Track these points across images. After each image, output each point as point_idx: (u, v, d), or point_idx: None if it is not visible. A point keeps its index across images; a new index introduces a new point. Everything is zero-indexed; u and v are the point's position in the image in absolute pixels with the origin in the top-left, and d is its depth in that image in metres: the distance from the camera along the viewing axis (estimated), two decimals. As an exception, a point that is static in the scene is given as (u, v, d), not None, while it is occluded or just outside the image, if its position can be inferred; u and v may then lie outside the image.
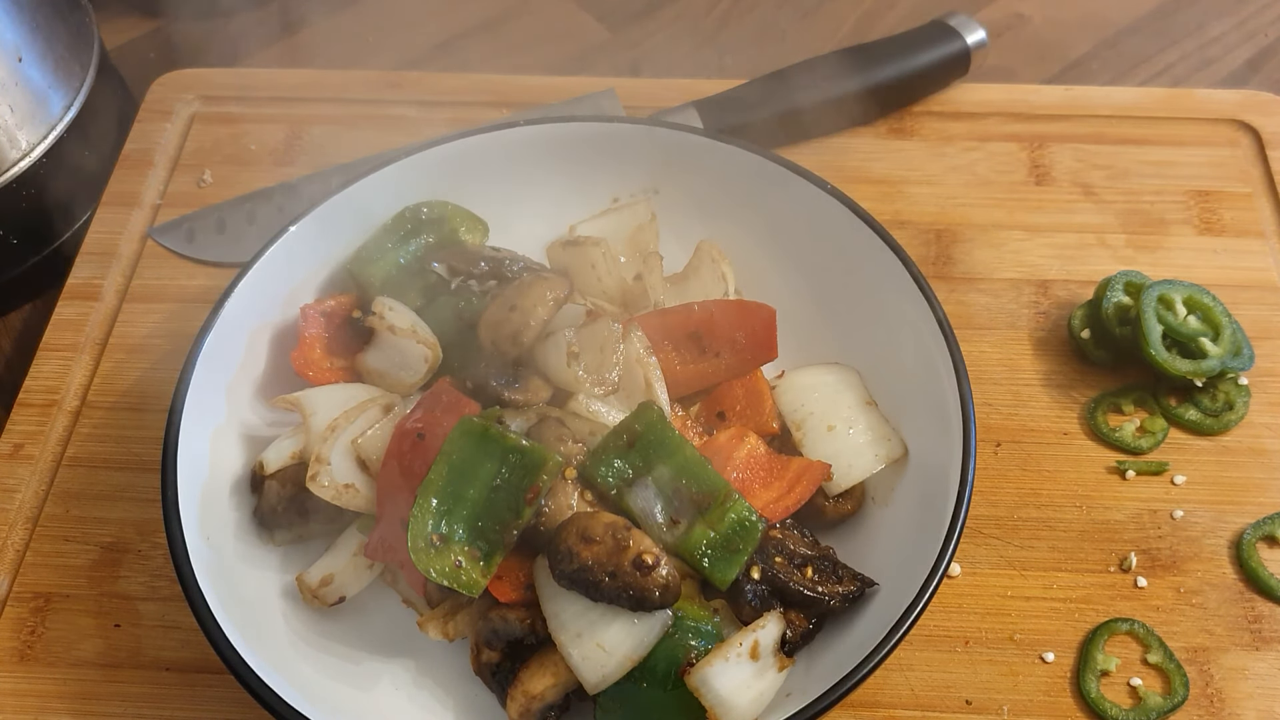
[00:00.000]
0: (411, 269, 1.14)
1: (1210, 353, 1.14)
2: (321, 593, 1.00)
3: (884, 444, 1.05)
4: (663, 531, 0.95)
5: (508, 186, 1.21)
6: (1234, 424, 1.15)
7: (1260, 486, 1.12)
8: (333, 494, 0.98)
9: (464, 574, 0.91)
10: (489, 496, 0.93)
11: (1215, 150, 1.36)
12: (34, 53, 1.29)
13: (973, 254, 1.29)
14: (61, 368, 1.23)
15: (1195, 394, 1.16)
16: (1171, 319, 1.15)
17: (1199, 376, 1.14)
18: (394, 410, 1.02)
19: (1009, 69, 1.53)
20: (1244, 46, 1.55)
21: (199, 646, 0.98)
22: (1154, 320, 1.14)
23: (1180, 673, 1.01)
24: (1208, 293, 1.17)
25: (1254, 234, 1.29)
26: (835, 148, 1.38)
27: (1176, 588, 1.06)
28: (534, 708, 0.92)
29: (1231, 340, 1.15)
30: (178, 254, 1.31)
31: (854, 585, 0.97)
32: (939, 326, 1.04)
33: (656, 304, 1.12)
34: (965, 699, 1.01)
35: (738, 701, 0.89)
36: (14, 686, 1.03)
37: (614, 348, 1.01)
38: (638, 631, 0.90)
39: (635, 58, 1.57)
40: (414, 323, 1.07)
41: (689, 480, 0.96)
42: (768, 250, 1.18)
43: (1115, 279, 1.19)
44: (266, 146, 1.41)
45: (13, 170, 1.27)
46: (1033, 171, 1.36)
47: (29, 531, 1.12)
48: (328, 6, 1.65)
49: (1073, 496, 1.12)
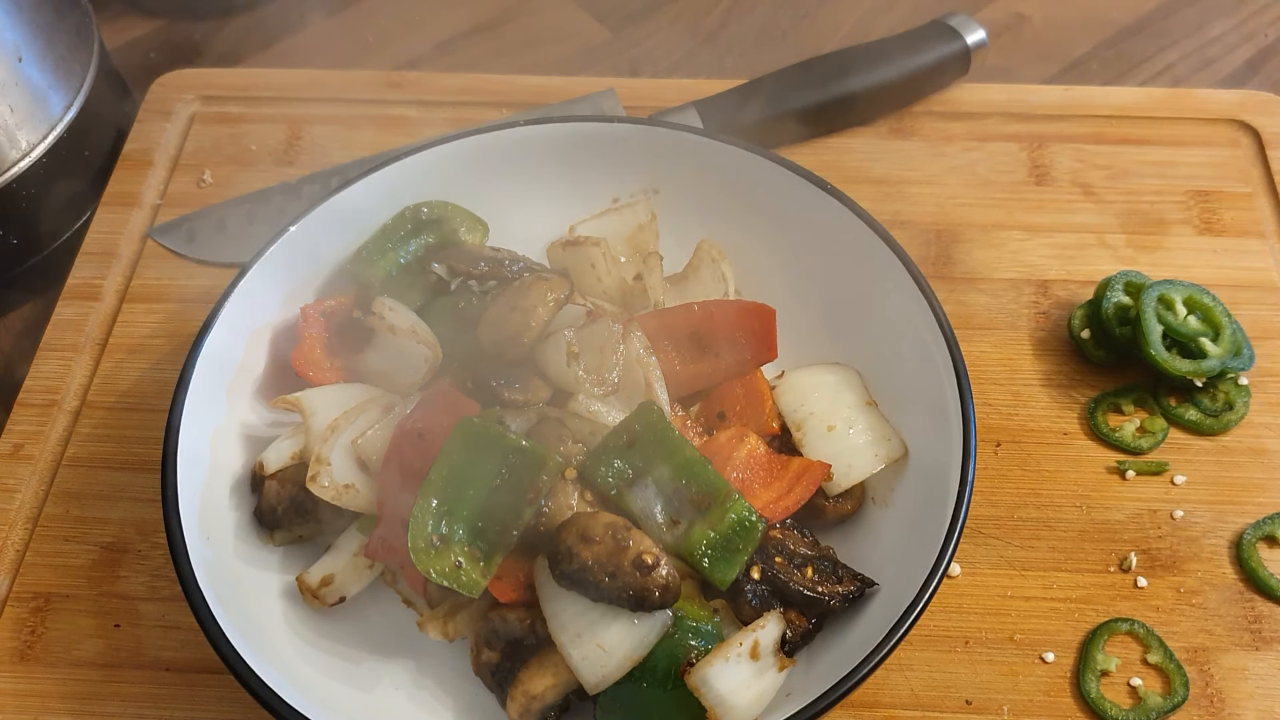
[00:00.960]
0: (411, 269, 1.14)
1: (1210, 353, 1.14)
2: (322, 593, 1.00)
3: (884, 444, 1.05)
4: (663, 532, 0.95)
5: (508, 186, 1.21)
6: (1234, 424, 1.15)
7: (1260, 486, 1.12)
8: (333, 494, 0.98)
9: (464, 574, 0.91)
10: (489, 497, 0.93)
11: (1215, 150, 1.36)
12: (34, 53, 1.29)
13: (973, 254, 1.29)
14: (61, 368, 1.23)
15: (1195, 394, 1.16)
16: (1171, 319, 1.15)
17: (1199, 376, 1.14)
18: (394, 410, 1.02)
19: (1009, 69, 1.53)
20: (1244, 46, 1.55)
21: (199, 646, 0.98)
22: (1154, 320, 1.14)
23: (1180, 673, 1.01)
24: (1208, 292, 1.17)
25: (1254, 234, 1.29)
26: (835, 148, 1.38)
27: (1176, 588, 1.06)
28: (534, 708, 0.92)
29: (1231, 340, 1.15)
30: (178, 254, 1.31)
31: (854, 585, 0.97)
32: (939, 326, 1.04)
33: (656, 304, 1.12)
34: (965, 699, 1.01)
35: (738, 701, 0.89)
36: (14, 686, 1.03)
37: (614, 348, 1.01)
38: (638, 632, 0.90)
39: (635, 58, 1.57)
40: (414, 323, 1.07)
41: (689, 480, 0.96)
42: (768, 250, 1.18)
43: (1115, 279, 1.19)
44: (266, 146, 1.41)
45: (13, 170, 1.27)
46: (1033, 171, 1.36)
47: (29, 531, 1.12)
48: (328, 6, 1.65)
49: (1073, 496, 1.12)
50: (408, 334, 1.05)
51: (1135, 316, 1.15)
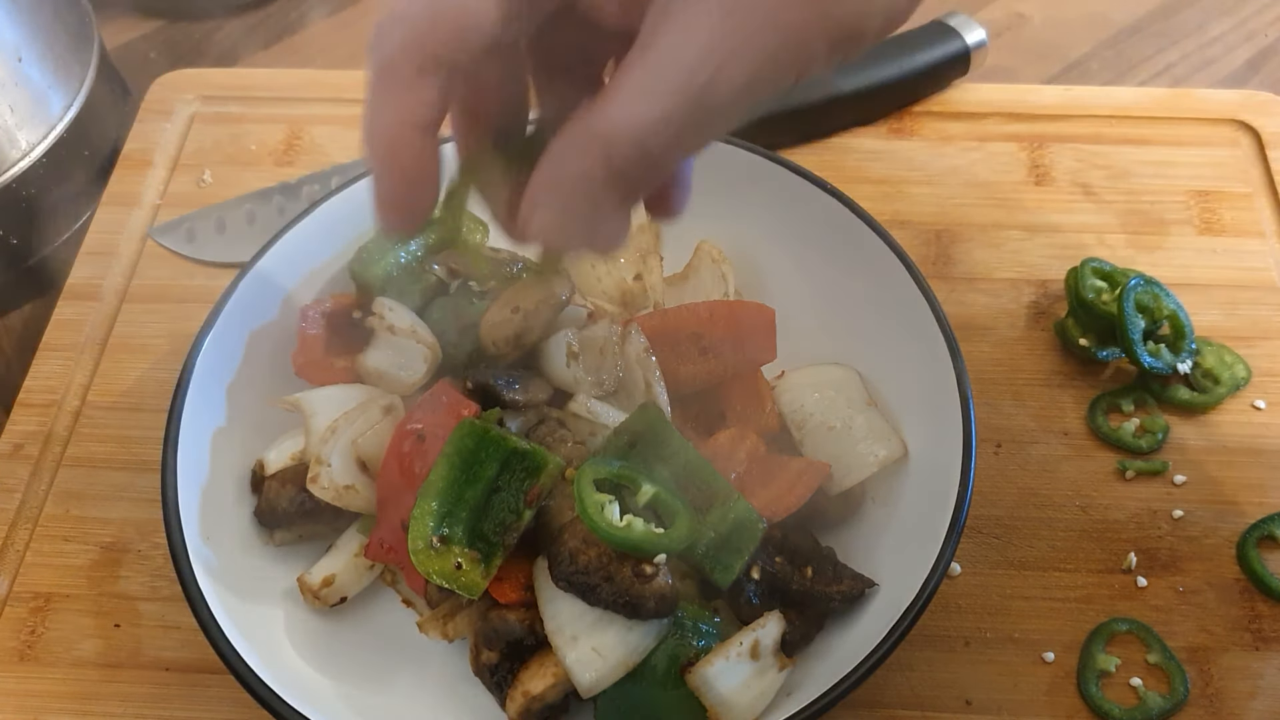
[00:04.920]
0: (411, 269, 1.14)
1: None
2: (323, 593, 1.00)
3: (884, 444, 1.05)
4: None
5: (508, 186, 1.20)
6: (1224, 396, 1.16)
7: (1260, 486, 1.12)
8: (333, 495, 0.98)
9: (463, 575, 0.91)
10: (489, 498, 0.93)
11: (1215, 150, 1.36)
12: (34, 53, 1.29)
13: (973, 254, 1.29)
14: (61, 368, 1.23)
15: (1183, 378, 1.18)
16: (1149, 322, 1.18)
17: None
18: (394, 411, 1.02)
19: (1009, 69, 1.53)
20: (1244, 46, 1.55)
21: (199, 646, 0.98)
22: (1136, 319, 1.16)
23: (1180, 673, 1.01)
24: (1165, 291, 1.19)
25: (1254, 234, 1.29)
26: (835, 148, 1.38)
27: (1176, 588, 1.06)
28: (534, 708, 0.92)
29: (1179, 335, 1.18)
30: (178, 254, 1.31)
31: (854, 585, 0.97)
32: (939, 326, 1.04)
33: (656, 304, 1.12)
34: (965, 699, 1.01)
35: (738, 701, 0.89)
36: (14, 686, 1.03)
37: (614, 348, 1.01)
38: (634, 636, 0.90)
39: (635, 58, 1.57)
40: (414, 323, 1.07)
41: (689, 481, 0.95)
42: (768, 250, 1.18)
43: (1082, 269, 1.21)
44: (266, 146, 1.41)
45: (13, 170, 1.27)
46: (1032, 171, 1.36)
47: (29, 531, 1.12)
48: (328, 6, 1.65)
49: (1073, 496, 1.12)
50: (408, 334, 1.05)
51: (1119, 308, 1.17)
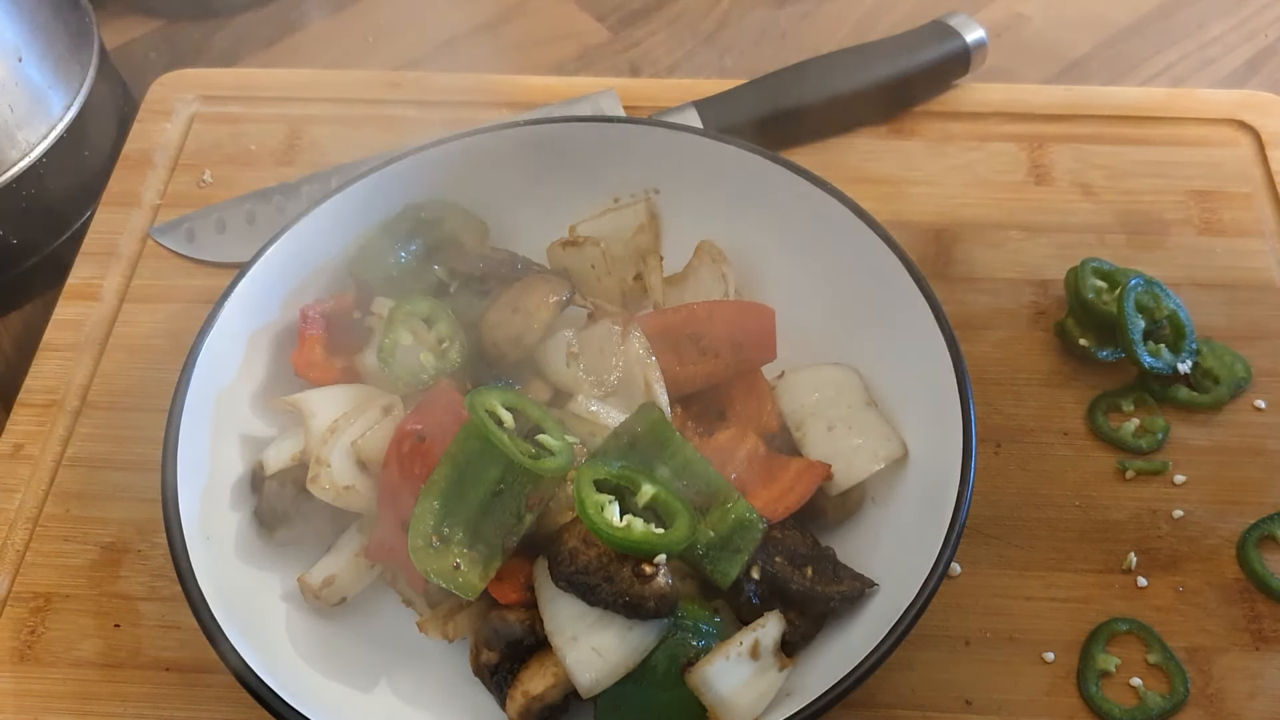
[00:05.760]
0: (411, 269, 1.14)
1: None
2: (323, 594, 1.00)
3: (884, 444, 1.05)
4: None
5: (508, 186, 1.20)
6: (1226, 398, 1.15)
7: (1260, 486, 1.12)
8: (333, 495, 0.98)
9: (461, 576, 0.91)
10: (491, 501, 0.93)
11: (1215, 150, 1.36)
12: (34, 53, 1.29)
13: (973, 254, 1.29)
14: (61, 368, 1.23)
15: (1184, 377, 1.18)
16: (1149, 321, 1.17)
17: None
18: (394, 411, 1.02)
19: (1009, 69, 1.53)
20: (1244, 46, 1.55)
21: (199, 646, 0.98)
22: (1136, 319, 1.16)
23: (1180, 673, 1.01)
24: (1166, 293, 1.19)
25: (1254, 234, 1.29)
26: (835, 148, 1.38)
27: (1176, 587, 1.06)
28: (534, 708, 0.92)
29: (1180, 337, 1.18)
30: (178, 254, 1.31)
31: (854, 585, 0.97)
32: (939, 326, 1.04)
33: (656, 304, 1.12)
34: (965, 699, 1.01)
35: (738, 701, 0.89)
36: (14, 686, 1.03)
37: (614, 349, 1.01)
38: (634, 637, 0.90)
39: (635, 58, 1.57)
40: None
41: (689, 481, 0.96)
42: (768, 250, 1.18)
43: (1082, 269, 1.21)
44: (266, 146, 1.41)
45: (13, 170, 1.27)
46: (1032, 171, 1.36)
47: (29, 531, 1.12)
48: (328, 6, 1.65)
49: (1073, 496, 1.12)
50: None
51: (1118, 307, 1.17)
